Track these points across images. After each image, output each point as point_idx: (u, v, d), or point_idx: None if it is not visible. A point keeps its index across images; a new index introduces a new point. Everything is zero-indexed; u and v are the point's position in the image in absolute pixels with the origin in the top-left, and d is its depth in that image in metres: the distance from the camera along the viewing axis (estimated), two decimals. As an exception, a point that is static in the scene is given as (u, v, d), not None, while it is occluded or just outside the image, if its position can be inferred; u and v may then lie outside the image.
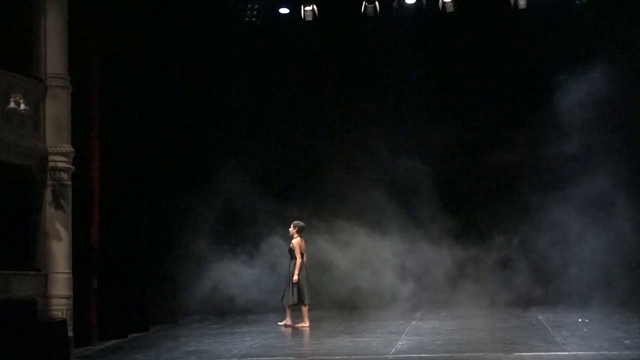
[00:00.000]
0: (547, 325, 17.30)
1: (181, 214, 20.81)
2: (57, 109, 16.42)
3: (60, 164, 16.30)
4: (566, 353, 13.96)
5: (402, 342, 15.63)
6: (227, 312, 20.90)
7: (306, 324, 18.42)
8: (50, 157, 16.25)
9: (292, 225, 18.48)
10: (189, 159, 21.59)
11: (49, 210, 16.25)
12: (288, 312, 18.62)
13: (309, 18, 20.79)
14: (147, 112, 19.26)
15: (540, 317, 18.75)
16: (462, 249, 21.40)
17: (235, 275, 20.42)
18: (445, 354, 14.32)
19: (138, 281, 18.76)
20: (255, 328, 18.49)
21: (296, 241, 18.31)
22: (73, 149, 16.52)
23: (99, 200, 17.42)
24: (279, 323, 18.69)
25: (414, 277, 21.15)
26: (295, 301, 18.31)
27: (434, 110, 22.14)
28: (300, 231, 18.43)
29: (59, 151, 16.31)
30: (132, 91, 18.67)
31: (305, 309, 18.48)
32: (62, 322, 15.46)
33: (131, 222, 18.70)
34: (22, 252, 16.13)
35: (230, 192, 21.16)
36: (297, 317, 18.67)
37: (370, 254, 21.57)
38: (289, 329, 18.36)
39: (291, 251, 18.37)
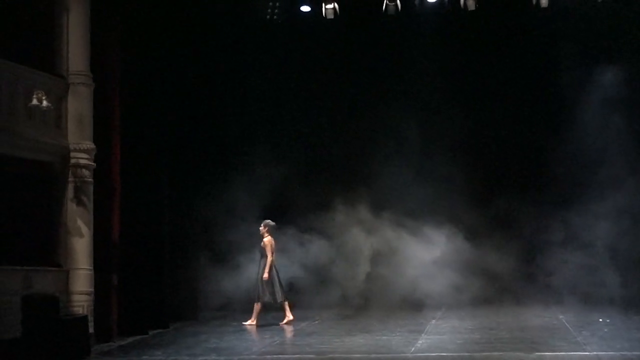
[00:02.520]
0: (568, 325, 17.24)
1: (202, 211, 20.81)
2: (79, 106, 16.52)
3: (82, 161, 16.38)
4: (587, 353, 13.89)
5: (422, 341, 15.61)
6: (247, 309, 20.88)
7: (253, 322, 18.52)
8: (72, 154, 16.33)
9: (262, 225, 18.65)
10: (210, 155, 21.61)
11: (71, 207, 16.34)
12: (286, 308, 18.72)
13: (330, 16, 20.73)
14: (168, 109, 19.29)
15: (561, 316, 18.68)
16: (495, 244, 21.48)
17: (255, 271, 20.43)
18: (466, 353, 14.28)
19: (158, 278, 18.81)
20: (275, 325, 18.50)
21: (267, 240, 18.47)
22: (94, 146, 16.61)
23: (119, 197, 17.45)
24: (282, 323, 18.69)
25: (446, 274, 21.22)
26: (264, 299, 18.41)
27: (455, 108, 22.11)
28: (270, 230, 18.55)
29: (81, 148, 16.40)
30: (153, 88, 18.72)
31: (257, 307, 18.56)
32: (83, 318, 15.51)
33: (152, 218, 18.74)
34: (44, 248, 16.22)
35: (251, 188, 21.17)
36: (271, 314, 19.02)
37: (404, 250, 21.68)
38: (289, 325, 18.46)
39: (262, 250, 18.45)
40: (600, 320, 17.91)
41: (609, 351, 13.94)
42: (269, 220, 18.77)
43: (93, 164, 16.58)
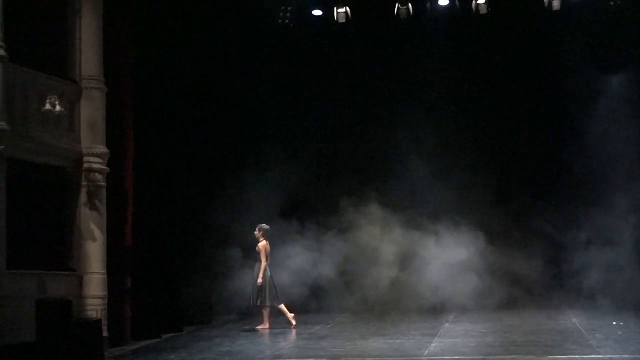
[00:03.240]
0: (581, 329, 17.18)
1: (215, 213, 20.83)
2: (92, 110, 16.58)
3: (95, 165, 16.44)
4: (601, 356, 13.83)
5: (435, 345, 15.58)
6: (260, 313, 20.92)
7: (266, 326, 18.57)
8: (86, 159, 16.40)
9: (257, 229, 18.71)
10: (224, 158, 21.66)
11: (84, 211, 16.41)
12: (284, 312, 18.75)
13: (342, 20, 20.81)
14: (180, 113, 19.34)
15: (574, 320, 18.63)
16: (510, 247, 21.50)
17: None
18: (479, 357, 14.23)
19: (172, 282, 18.85)
20: (288, 329, 18.48)
21: (262, 244, 18.53)
22: (108, 151, 16.67)
23: (133, 201, 17.50)
24: (292, 327, 18.70)
25: (460, 277, 21.20)
26: (257, 303, 18.50)
27: (466, 112, 22.11)
28: (265, 235, 18.63)
29: (94, 152, 16.46)
30: (166, 92, 18.76)
31: (266, 312, 18.65)
32: (97, 322, 15.55)
33: (165, 222, 18.79)
34: (57, 252, 16.29)
35: (265, 191, 21.18)
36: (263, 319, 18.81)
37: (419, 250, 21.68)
38: (297, 327, 18.50)
39: (258, 254, 18.55)
40: (614, 323, 17.85)
41: (623, 354, 13.88)
42: (264, 225, 18.82)
43: (106, 168, 16.64)
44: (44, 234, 16.06)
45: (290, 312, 18.74)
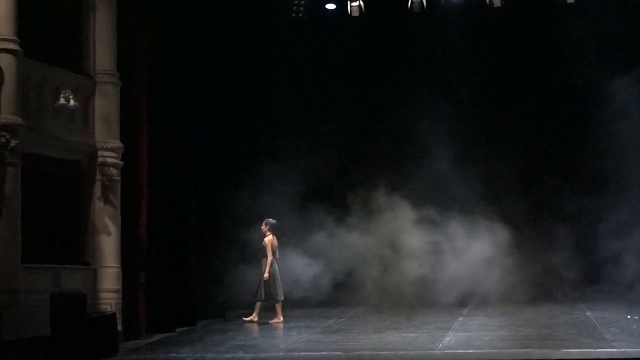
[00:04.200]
0: (595, 322, 17.13)
1: (229, 207, 20.87)
2: (106, 105, 16.63)
3: (109, 160, 16.51)
4: (615, 350, 13.79)
5: (449, 338, 15.58)
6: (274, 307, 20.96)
7: (280, 319, 18.65)
8: (100, 153, 16.47)
9: (264, 223, 18.78)
10: (238, 151, 21.70)
11: (98, 205, 16.47)
12: (257, 308, 18.86)
13: (356, 14, 20.80)
14: (194, 108, 19.36)
15: (588, 313, 18.58)
16: (522, 241, 21.48)
17: (282, 269, 20.47)
18: (493, 350, 14.23)
19: (186, 275, 18.87)
20: (302, 323, 18.51)
21: (268, 239, 18.61)
22: (122, 145, 16.73)
23: (147, 195, 17.55)
24: (245, 318, 18.85)
25: (474, 271, 21.16)
26: (262, 298, 18.58)
27: (480, 106, 22.05)
28: (272, 229, 18.70)
29: (108, 147, 16.52)
30: (180, 85, 18.78)
31: (278, 306, 18.77)
32: (111, 316, 15.60)
33: (179, 216, 18.82)
34: (72, 246, 16.36)
35: (279, 184, 21.19)
36: (272, 314, 18.91)
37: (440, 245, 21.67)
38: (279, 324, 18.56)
39: (263, 249, 18.59)
40: (629, 316, 17.79)
41: (638, 348, 13.82)
42: (271, 219, 18.88)
43: (120, 162, 16.70)
44: (59, 228, 16.13)
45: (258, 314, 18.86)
